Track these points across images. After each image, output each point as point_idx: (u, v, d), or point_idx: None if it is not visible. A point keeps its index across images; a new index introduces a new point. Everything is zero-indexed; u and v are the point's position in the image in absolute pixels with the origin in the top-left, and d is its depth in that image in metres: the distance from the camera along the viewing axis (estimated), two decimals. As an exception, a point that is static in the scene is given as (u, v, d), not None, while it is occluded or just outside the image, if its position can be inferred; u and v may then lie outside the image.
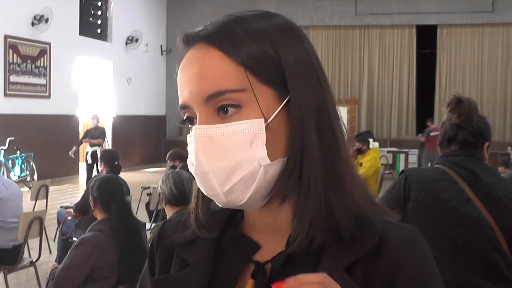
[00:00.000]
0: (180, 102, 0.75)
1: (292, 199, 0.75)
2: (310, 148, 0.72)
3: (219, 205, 0.75)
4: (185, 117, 0.76)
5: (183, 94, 0.74)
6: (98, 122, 11.16)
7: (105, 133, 11.06)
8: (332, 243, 0.72)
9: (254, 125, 0.71)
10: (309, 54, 0.76)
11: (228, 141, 0.71)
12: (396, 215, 0.80)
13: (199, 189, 0.78)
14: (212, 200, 0.77)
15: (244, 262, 0.78)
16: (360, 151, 7.73)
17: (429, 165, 13.17)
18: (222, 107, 0.71)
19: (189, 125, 0.76)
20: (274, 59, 0.73)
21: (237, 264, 0.78)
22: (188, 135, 0.76)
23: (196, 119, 0.74)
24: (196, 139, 0.72)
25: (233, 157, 0.71)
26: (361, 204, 0.76)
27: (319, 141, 0.73)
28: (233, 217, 0.82)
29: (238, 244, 0.79)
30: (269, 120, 0.71)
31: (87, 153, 10.74)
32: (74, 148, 10.95)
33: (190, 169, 0.75)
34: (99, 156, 10.14)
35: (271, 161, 0.71)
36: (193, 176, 0.74)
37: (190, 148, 0.74)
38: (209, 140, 0.71)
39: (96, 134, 10.77)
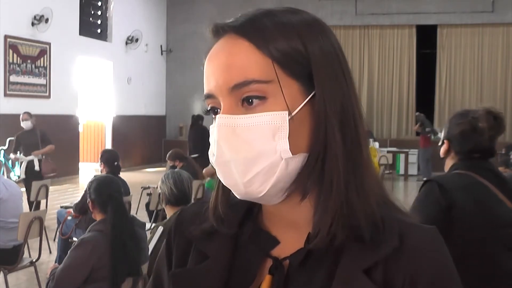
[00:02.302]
0: (205, 91, 0.75)
1: (312, 196, 0.74)
2: (333, 145, 0.72)
3: (238, 196, 0.75)
4: (209, 108, 0.76)
5: (209, 83, 0.74)
6: (33, 122, 8.23)
7: (48, 135, 8.27)
8: (352, 242, 0.72)
9: (277, 117, 0.71)
10: (336, 51, 0.76)
11: (250, 132, 0.71)
12: (416, 216, 0.79)
13: (219, 181, 0.79)
14: (231, 192, 0.77)
15: (262, 257, 0.78)
16: None
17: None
18: (247, 98, 0.72)
19: (213, 116, 0.76)
20: (302, 54, 0.73)
21: (255, 259, 0.78)
22: (211, 126, 0.75)
23: (220, 109, 0.74)
24: (219, 128, 0.72)
25: (255, 148, 0.71)
26: (381, 205, 0.75)
27: (342, 138, 0.73)
28: (251, 210, 0.82)
29: (256, 238, 0.79)
30: (293, 113, 0.71)
31: (20, 164, 8.10)
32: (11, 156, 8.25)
33: (210, 160, 0.75)
34: (37, 168, 7.90)
35: (292, 155, 0.71)
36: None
37: (212, 138, 0.74)
38: (232, 130, 0.72)
39: (35, 139, 8.07)
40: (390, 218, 0.74)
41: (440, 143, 2.18)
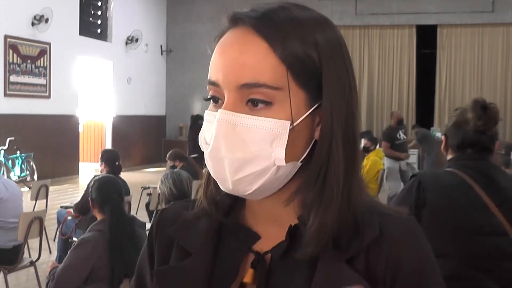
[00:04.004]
0: (210, 77, 0.74)
1: (299, 195, 0.75)
2: (336, 157, 0.73)
3: (224, 190, 0.75)
4: (210, 94, 0.75)
5: (217, 72, 0.73)
6: None
7: None
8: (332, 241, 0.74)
9: (279, 125, 0.71)
10: (345, 60, 0.76)
11: (250, 133, 0.71)
12: (399, 209, 0.81)
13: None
14: None
15: (244, 252, 0.79)
16: (367, 150, 7.74)
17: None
18: (253, 100, 0.71)
19: (212, 103, 0.75)
20: (315, 63, 0.73)
21: (237, 254, 0.79)
22: (206, 111, 0.75)
23: (221, 99, 0.73)
24: (219, 123, 0.71)
25: (252, 150, 0.71)
26: (363, 207, 0.76)
27: (344, 151, 0.73)
28: (237, 200, 0.82)
29: (237, 234, 0.80)
30: (295, 124, 0.72)
31: None
32: None
33: (202, 146, 0.75)
34: None
35: (286, 163, 0.72)
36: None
37: (209, 129, 0.74)
38: (232, 126, 0.71)
39: None
40: (370, 211, 0.76)
41: None
